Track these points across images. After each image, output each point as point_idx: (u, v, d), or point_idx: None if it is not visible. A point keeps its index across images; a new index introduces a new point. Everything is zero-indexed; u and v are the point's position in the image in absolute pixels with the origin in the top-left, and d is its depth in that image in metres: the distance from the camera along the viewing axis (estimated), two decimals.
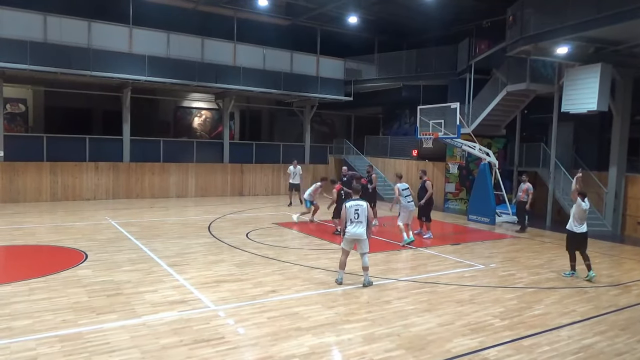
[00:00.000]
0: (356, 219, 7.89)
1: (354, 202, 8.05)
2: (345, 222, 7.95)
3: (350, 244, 8.02)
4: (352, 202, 8.04)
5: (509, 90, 16.56)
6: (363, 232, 7.93)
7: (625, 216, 14.87)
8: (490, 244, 12.32)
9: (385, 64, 22.81)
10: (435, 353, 5.45)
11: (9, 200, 16.56)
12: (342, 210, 8.05)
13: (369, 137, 25.66)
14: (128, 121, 18.66)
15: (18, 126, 20.18)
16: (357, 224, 7.90)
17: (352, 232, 7.90)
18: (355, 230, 7.90)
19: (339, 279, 8.02)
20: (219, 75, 19.16)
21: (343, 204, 8.18)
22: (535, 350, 5.66)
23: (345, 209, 7.93)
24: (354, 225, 7.90)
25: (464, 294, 7.77)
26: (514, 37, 14.09)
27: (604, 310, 7.24)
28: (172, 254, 9.70)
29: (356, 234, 7.90)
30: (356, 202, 8.03)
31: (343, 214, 7.98)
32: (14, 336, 5.46)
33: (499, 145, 18.93)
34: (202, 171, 20.49)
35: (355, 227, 7.90)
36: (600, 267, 10.35)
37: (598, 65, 13.28)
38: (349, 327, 6.10)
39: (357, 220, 7.89)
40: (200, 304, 6.78)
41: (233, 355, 5.22)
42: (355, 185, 8.75)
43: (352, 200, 8.11)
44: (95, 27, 16.91)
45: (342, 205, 11.86)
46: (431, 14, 19.46)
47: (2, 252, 9.79)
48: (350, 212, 7.90)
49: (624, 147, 14.62)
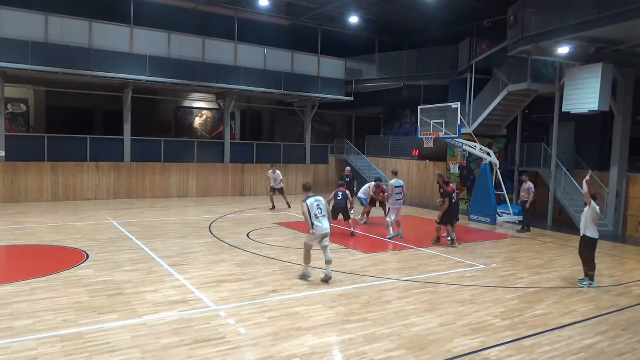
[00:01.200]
0: (321, 214, 7.97)
1: (313, 197, 8.07)
2: (310, 218, 7.88)
3: (318, 240, 8.04)
4: (312, 199, 8.04)
5: (510, 90, 16.54)
6: (330, 226, 8.06)
7: (626, 216, 14.85)
8: (491, 244, 12.31)
9: (386, 64, 22.81)
10: (436, 353, 5.45)
11: (11, 200, 16.58)
12: (303, 208, 7.95)
13: (369, 137, 25.67)
14: (129, 121, 18.68)
15: (19, 126, 20.21)
16: (323, 218, 7.98)
17: (323, 227, 7.95)
18: (325, 225, 7.97)
19: (308, 274, 8.07)
20: (219, 75, 19.17)
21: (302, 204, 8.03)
22: (537, 350, 5.66)
23: (307, 205, 7.89)
24: (321, 220, 7.96)
25: (465, 294, 7.77)
26: (515, 37, 14.08)
27: (605, 311, 7.22)
28: (173, 254, 9.71)
29: (326, 229, 7.99)
30: (316, 198, 8.07)
31: (306, 211, 7.90)
32: (15, 336, 5.47)
33: (500, 145, 18.92)
34: (203, 171, 20.50)
35: (323, 222, 7.96)
36: (602, 267, 10.30)
37: (599, 65, 13.27)
38: (350, 327, 6.09)
39: (322, 215, 7.97)
40: (201, 304, 6.78)
41: (234, 355, 5.22)
42: (307, 184, 8.63)
43: (312, 197, 8.08)
44: (97, 27, 16.93)
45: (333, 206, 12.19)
46: (432, 13, 19.47)
47: (4, 252, 9.80)
48: (314, 207, 7.93)
49: (626, 147, 14.60)
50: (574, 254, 11.26)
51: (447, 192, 11.49)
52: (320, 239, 8.02)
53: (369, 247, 11.21)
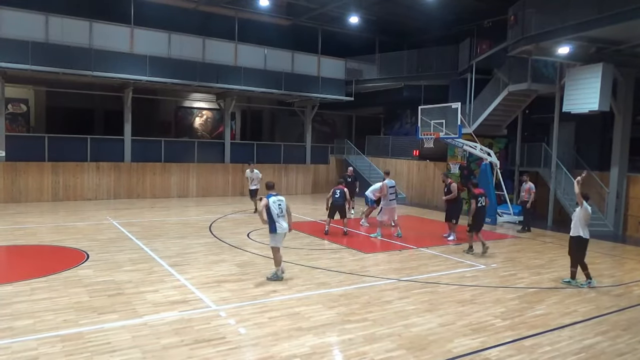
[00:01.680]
0: (281, 214, 8.00)
1: (276, 197, 8.05)
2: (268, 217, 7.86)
3: (282, 239, 8.08)
4: (273, 197, 8.02)
5: (511, 90, 16.54)
6: (287, 225, 8.06)
7: (627, 216, 14.85)
8: (491, 244, 12.26)
9: (386, 64, 22.82)
10: (437, 353, 5.44)
11: (11, 200, 16.59)
12: (262, 205, 7.91)
13: (370, 137, 25.67)
14: (129, 121, 18.69)
15: (20, 126, 20.22)
16: (282, 218, 8.02)
17: (283, 227, 8.01)
18: (284, 225, 8.03)
19: (280, 275, 8.07)
20: (220, 75, 19.17)
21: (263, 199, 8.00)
22: (537, 350, 5.65)
23: (269, 204, 7.88)
24: (281, 221, 7.99)
25: (465, 294, 7.77)
26: (515, 37, 14.08)
27: (605, 311, 7.22)
28: (173, 254, 9.71)
29: (285, 229, 8.05)
30: (278, 197, 8.07)
31: (264, 209, 7.85)
32: (15, 336, 5.47)
33: (500, 145, 18.91)
34: (203, 171, 20.50)
35: (282, 223, 8.00)
36: (602, 267, 10.33)
37: (599, 65, 13.26)
38: (350, 327, 6.09)
39: (282, 214, 8.00)
40: (201, 304, 6.78)
41: (234, 355, 5.22)
42: (270, 183, 8.53)
43: (273, 196, 8.05)
44: (97, 28, 16.93)
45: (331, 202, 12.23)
46: (432, 13, 19.46)
47: (4, 252, 9.80)
48: (275, 206, 7.93)
49: (626, 147, 14.60)
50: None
51: (474, 194, 10.64)
52: (282, 238, 8.11)
53: (369, 247, 11.20)
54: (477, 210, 10.58)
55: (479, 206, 10.62)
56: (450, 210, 12.55)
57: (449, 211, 12.56)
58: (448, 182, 12.61)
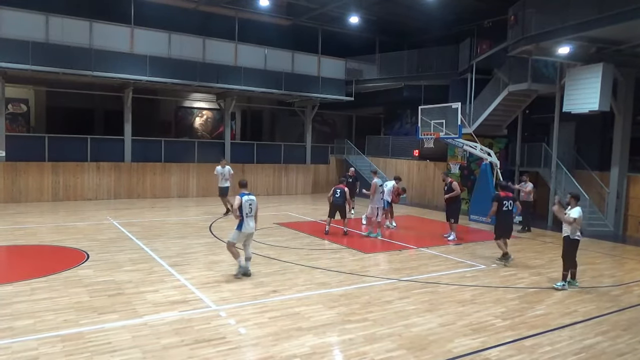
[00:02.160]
0: (250, 213, 8.07)
1: (248, 196, 8.11)
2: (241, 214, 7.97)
3: (244, 238, 8.16)
4: (247, 197, 8.08)
5: (511, 90, 16.53)
6: (254, 225, 8.21)
7: (627, 216, 14.85)
8: (491, 244, 12.27)
9: (386, 64, 22.81)
10: (437, 353, 5.44)
11: (11, 200, 16.59)
12: (236, 203, 8.01)
13: (370, 137, 25.67)
14: (129, 121, 18.69)
15: (20, 126, 20.22)
16: (251, 218, 8.10)
17: (250, 227, 8.08)
18: (251, 225, 8.11)
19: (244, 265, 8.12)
20: (220, 75, 19.17)
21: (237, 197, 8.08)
22: (537, 350, 5.65)
23: (242, 201, 7.94)
24: (251, 220, 8.08)
25: (466, 294, 7.77)
26: (516, 37, 14.07)
27: (605, 311, 7.22)
28: (173, 254, 9.71)
29: (251, 229, 8.13)
30: (250, 197, 8.13)
31: (238, 205, 7.95)
32: (15, 336, 5.47)
33: (500, 145, 18.90)
34: (203, 171, 20.49)
35: (250, 222, 8.09)
36: (602, 267, 10.33)
37: (600, 65, 13.26)
38: (350, 327, 6.09)
39: (251, 214, 8.08)
40: (201, 304, 6.78)
41: (234, 355, 5.22)
42: (242, 181, 8.54)
43: (246, 195, 8.10)
44: (97, 28, 16.93)
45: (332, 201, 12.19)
46: (432, 13, 19.46)
47: (4, 252, 9.80)
48: (246, 206, 8.00)
49: (626, 147, 14.59)
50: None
51: (499, 196, 9.85)
52: (245, 238, 8.17)
53: (369, 247, 11.20)
54: (503, 215, 9.73)
55: (504, 210, 9.72)
56: (450, 209, 12.57)
57: (449, 210, 12.58)
58: (448, 181, 12.63)
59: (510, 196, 10.04)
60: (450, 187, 12.53)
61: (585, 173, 15.99)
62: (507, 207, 9.78)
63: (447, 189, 12.63)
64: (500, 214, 9.75)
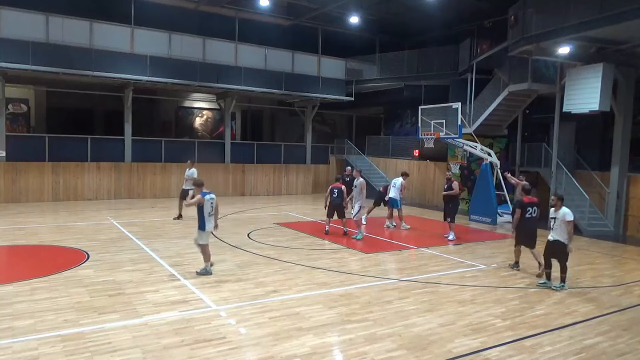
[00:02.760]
0: (212, 212, 8.13)
1: (209, 195, 8.12)
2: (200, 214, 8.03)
3: (208, 237, 8.24)
4: (209, 196, 8.10)
5: (511, 90, 16.53)
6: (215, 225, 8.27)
7: (627, 216, 14.84)
8: (491, 244, 12.30)
9: (386, 64, 22.81)
10: (437, 353, 5.45)
11: (11, 200, 16.60)
12: (196, 200, 8.06)
13: (370, 137, 25.67)
14: (130, 121, 18.70)
15: (20, 126, 20.21)
16: (212, 217, 8.16)
17: (212, 225, 8.15)
18: (213, 224, 8.17)
19: (210, 270, 8.19)
20: (220, 75, 19.18)
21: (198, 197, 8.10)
22: (537, 350, 5.65)
23: (204, 202, 8.00)
24: (211, 220, 8.12)
25: (466, 294, 7.77)
26: (516, 37, 14.07)
27: (606, 311, 7.22)
28: (173, 254, 9.72)
29: (212, 227, 8.18)
30: (211, 196, 8.15)
31: (197, 203, 8.01)
32: (16, 336, 5.47)
33: (500, 145, 18.91)
34: (203, 171, 20.38)
35: (211, 221, 8.14)
36: (603, 267, 10.33)
37: (600, 65, 13.26)
38: (351, 327, 6.09)
39: (212, 213, 8.13)
40: (201, 304, 6.78)
41: (234, 355, 5.22)
42: (199, 181, 8.53)
43: (207, 194, 8.12)
44: (97, 28, 16.94)
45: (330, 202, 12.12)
46: (433, 13, 19.44)
47: (4, 252, 9.81)
48: (208, 205, 8.05)
49: (626, 147, 14.59)
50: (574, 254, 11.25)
51: (522, 202, 9.06)
52: (209, 236, 8.26)
53: (369, 247, 11.21)
54: (526, 223, 8.94)
55: (527, 217, 8.93)
56: (448, 208, 12.54)
57: (447, 210, 12.57)
58: (451, 181, 12.63)
59: (535, 202, 9.12)
60: (450, 185, 12.54)
61: (586, 173, 15.99)
62: (530, 214, 8.97)
63: (447, 187, 12.63)
64: (523, 222, 8.93)
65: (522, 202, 9.06)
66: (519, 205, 9.08)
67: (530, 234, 9.04)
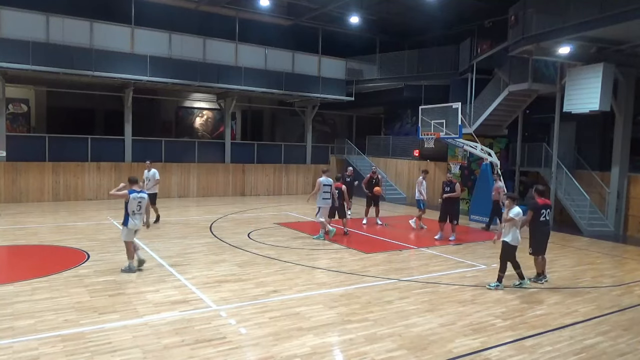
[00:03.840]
0: (138, 211, 8.22)
1: (138, 194, 8.22)
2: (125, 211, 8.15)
3: (133, 234, 8.31)
4: (136, 194, 8.19)
5: (511, 90, 16.52)
6: (140, 222, 8.36)
7: (627, 216, 14.83)
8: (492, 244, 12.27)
9: (386, 64, 22.81)
10: (437, 353, 5.44)
11: (12, 200, 16.60)
12: (122, 194, 8.20)
13: (370, 137, 25.67)
14: (130, 121, 18.70)
15: (20, 126, 20.22)
16: (139, 215, 8.26)
17: (136, 224, 8.22)
18: (139, 222, 8.27)
19: (133, 267, 8.24)
20: (220, 75, 19.18)
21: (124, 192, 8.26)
22: (537, 350, 5.65)
23: (129, 200, 8.11)
24: (137, 218, 8.22)
25: (466, 294, 7.76)
26: (516, 37, 14.06)
27: (606, 311, 7.22)
28: (173, 254, 9.72)
29: (137, 225, 8.26)
30: (140, 195, 8.24)
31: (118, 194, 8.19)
32: (16, 336, 5.48)
33: (500, 145, 18.90)
34: (203, 171, 20.51)
35: (138, 219, 8.25)
36: (603, 267, 10.32)
37: (600, 65, 13.25)
38: (351, 327, 6.09)
39: (139, 212, 8.23)
40: (201, 304, 6.78)
41: (235, 355, 5.22)
42: (133, 178, 8.60)
43: (135, 192, 8.22)
44: (98, 28, 16.95)
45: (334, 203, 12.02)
46: (433, 13, 19.45)
47: (5, 251, 9.81)
48: (134, 204, 8.15)
49: (627, 147, 14.58)
50: (574, 254, 11.30)
51: (537, 205, 8.43)
52: (133, 233, 8.31)
53: (369, 247, 11.20)
54: (541, 227, 8.46)
55: (541, 220, 8.39)
56: (452, 210, 12.27)
57: (451, 211, 12.27)
58: (454, 183, 12.49)
59: (549, 204, 8.64)
60: (453, 187, 12.32)
61: (586, 173, 15.98)
62: (544, 217, 8.44)
63: (450, 189, 12.35)
64: (537, 225, 8.41)
65: (537, 205, 8.41)
66: (533, 208, 8.41)
67: (544, 239, 8.57)
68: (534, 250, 8.61)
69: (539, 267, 8.69)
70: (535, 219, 8.39)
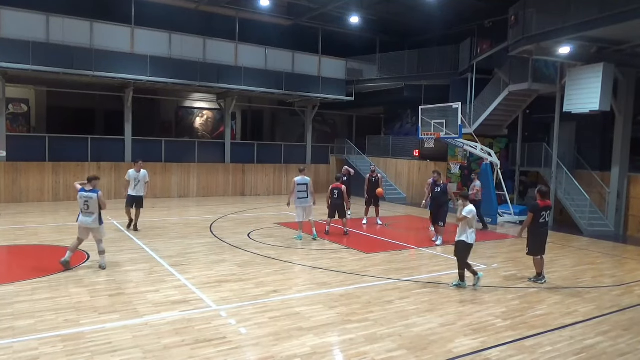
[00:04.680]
0: (86, 210, 8.36)
1: (85, 193, 8.39)
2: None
3: (84, 233, 8.45)
4: (84, 194, 8.37)
5: (511, 90, 16.53)
6: (92, 222, 8.41)
7: (627, 216, 14.84)
8: (492, 244, 12.29)
9: (387, 64, 22.81)
10: (437, 353, 5.44)
11: (12, 200, 16.60)
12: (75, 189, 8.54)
13: (370, 137, 25.66)
14: (130, 121, 18.70)
15: (20, 126, 20.23)
16: (88, 214, 8.38)
17: (83, 220, 8.39)
18: (85, 220, 8.41)
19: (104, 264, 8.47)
20: (220, 75, 19.18)
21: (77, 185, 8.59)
22: (538, 350, 5.65)
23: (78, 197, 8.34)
24: (84, 215, 8.39)
25: (466, 294, 7.77)
26: (516, 37, 14.07)
27: (606, 311, 7.22)
28: (173, 254, 9.72)
29: (86, 223, 8.40)
30: (87, 194, 8.39)
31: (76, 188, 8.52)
32: (16, 336, 5.48)
33: (500, 145, 18.91)
34: (203, 171, 20.51)
35: (85, 217, 8.39)
36: (603, 267, 10.32)
37: (600, 65, 13.25)
38: (351, 327, 6.09)
39: (87, 211, 8.36)
40: (202, 304, 6.78)
41: (235, 355, 5.22)
42: (91, 176, 8.82)
43: (85, 192, 8.40)
44: (98, 28, 16.95)
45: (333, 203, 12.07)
46: (433, 13, 19.46)
47: (5, 251, 9.82)
48: (80, 202, 8.35)
49: (627, 147, 14.59)
50: (574, 254, 11.30)
51: (537, 206, 8.36)
52: (83, 231, 8.48)
53: (369, 247, 11.21)
54: (541, 228, 8.44)
55: (541, 222, 8.39)
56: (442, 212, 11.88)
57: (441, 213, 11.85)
58: (445, 183, 12.33)
59: (550, 206, 8.60)
60: (444, 188, 11.94)
61: (586, 173, 15.98)
62: (544, 219, 8.44)
63: (442, 190, 11.87)
64: (537, 227, 8.40)
65: (538, 206, 8.35)
66: (534, 209, 8.38)
67: (543, 240, 8.58)
68: (531, 250, 8.62)
69: (538, 267, 8.71)
70: (534, 220, 8.40)
